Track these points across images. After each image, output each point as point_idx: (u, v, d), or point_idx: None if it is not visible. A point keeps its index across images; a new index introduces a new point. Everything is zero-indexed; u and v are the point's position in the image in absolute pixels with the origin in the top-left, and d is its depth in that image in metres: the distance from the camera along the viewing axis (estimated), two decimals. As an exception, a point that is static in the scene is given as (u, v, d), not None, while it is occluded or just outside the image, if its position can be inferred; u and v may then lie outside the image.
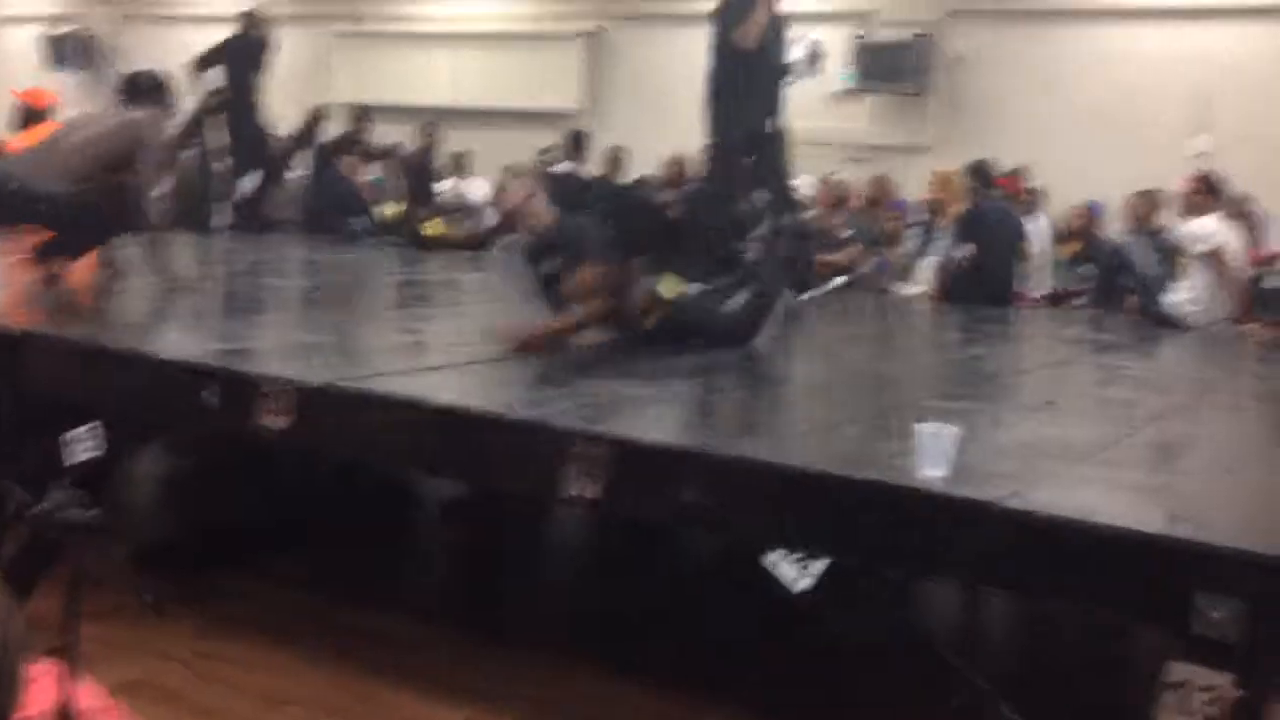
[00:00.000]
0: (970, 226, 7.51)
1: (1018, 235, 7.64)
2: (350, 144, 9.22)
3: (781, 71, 6.15)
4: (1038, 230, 7.98)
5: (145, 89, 5.09)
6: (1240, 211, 7.38)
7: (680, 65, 11.35)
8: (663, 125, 10.70)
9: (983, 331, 6.34)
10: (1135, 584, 2.34)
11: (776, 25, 6.08)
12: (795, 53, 6.21)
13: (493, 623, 3.94)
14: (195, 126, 8.58)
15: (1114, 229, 8.39)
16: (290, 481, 4.67)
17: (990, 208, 7.64)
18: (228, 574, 4.13)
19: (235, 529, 4.47)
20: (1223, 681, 2.25)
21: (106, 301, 4.96)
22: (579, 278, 3.66)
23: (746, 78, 6.01)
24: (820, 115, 10.66)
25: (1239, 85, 9.04)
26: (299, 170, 9.30)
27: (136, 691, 3.15)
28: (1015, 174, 8.39)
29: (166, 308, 4.98)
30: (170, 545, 4.25)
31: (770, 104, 6.17)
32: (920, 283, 7.88)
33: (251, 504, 4.52)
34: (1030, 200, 8.69)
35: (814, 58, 6.33)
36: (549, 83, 11.94)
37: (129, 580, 3.74)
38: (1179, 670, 2.27)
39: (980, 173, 7.74)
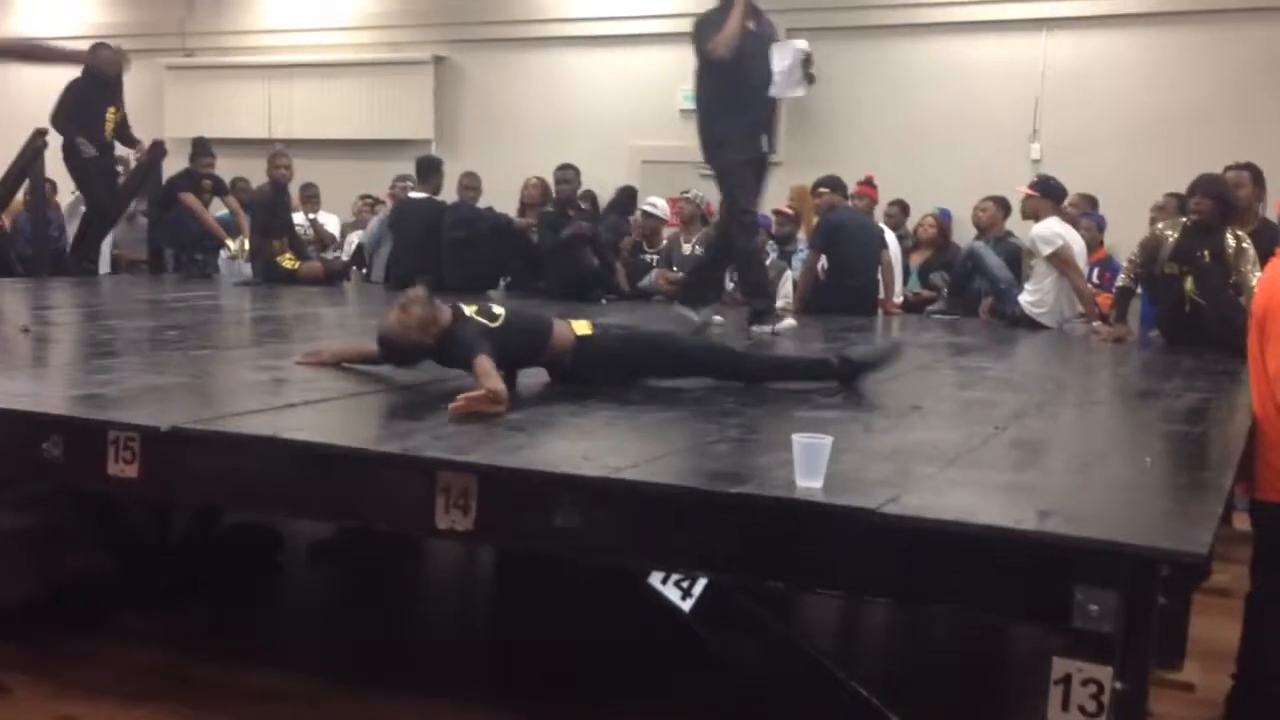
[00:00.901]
0: (829, 235, 7.61)
1: (879, 243, 7.78)
2: (196, 179, 8.91)
3: (766, 84, 5.93)
4: (894, 239, 8.14)
5: None
6: (1078, 213, 7.67)
7: (529, 88, 11.39)
8: (514, 149, 10.68)
9: (845, 340, 6.42)
10: (1017, 583, 2.36)
11: (759, 38, 5.92)
12: (780, 62, 5.91)
13: (367, 667, 3.81)
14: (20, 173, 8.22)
15: (962, 236, 8.64)
16: (145, 532, 4.44)
17: (849, 217, 7.77)
18: (82, 634, 3.91)
19: (87, 585, 4.24)
20: (1104, 674, 2.28)
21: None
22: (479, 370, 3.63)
23: (732, 93, 5.88)
24: (668, 133, 10.77)
25: (1070, 91, 9.42)
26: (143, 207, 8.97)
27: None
28: (870, 182, 8.56)
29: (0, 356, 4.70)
30: (19, 606, 4.00)
31: (762, 120, 6.04)
32: (779, 296, 7.96)
33: (104, 556, 4.29)
34: (898, 213, 8.89)
35: (805, 63, 5.95)
36: (397, 111, 11.79)
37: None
38: (1062, 665, 2.29)
39: (836, 184, 7.87)
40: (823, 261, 7.69)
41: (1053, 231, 6.83)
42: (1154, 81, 9.21)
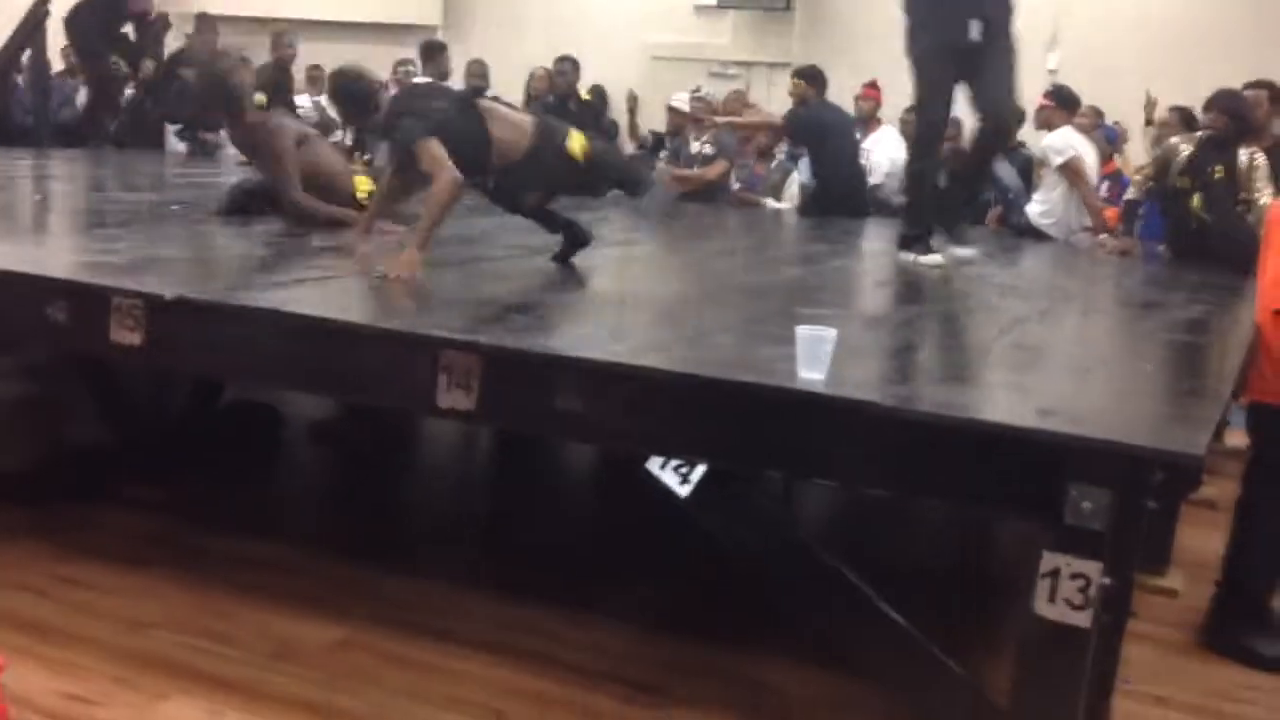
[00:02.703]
0: (807, 128, 7.45)
1: (856, 138, 7.65)
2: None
3: None
4: (888, 142, 8.00)
5: None
6: (1092, 124, 7.58)
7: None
8: (522, 39, 10.50)
9: (847, 245, 6.41)
10: (1013, 478, 2.39)
11: None
12: None
13: (366, 544, 3.87)
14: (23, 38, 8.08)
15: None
16: (146, 403, 4.47)
17: (827, 109, 7.60)
18: (83, 501, 3.96)
19: (89, 454, 4.28)
20: (1092, 569, 2.32)
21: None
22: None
23: None
24: (683, 30, 10.59)
25: (1092, 2, 9.24)
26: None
27: (-5, 621, 3.02)
28: (874, 85, 8.41)
29: (4, 222, 4.69)
30: (22, 473, 4.05)
31: (972, 4, 4.86)
32: (787, 199, 7.92)
33: (105, 428, 4.32)
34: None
35: None
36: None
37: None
38: (1051, 559, 2.33)
39: (814, 75, 7.66)
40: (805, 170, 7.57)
41: (1065, 142, 6.77)
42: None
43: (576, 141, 3.92)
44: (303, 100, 9.15)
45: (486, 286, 3.83)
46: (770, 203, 7.90)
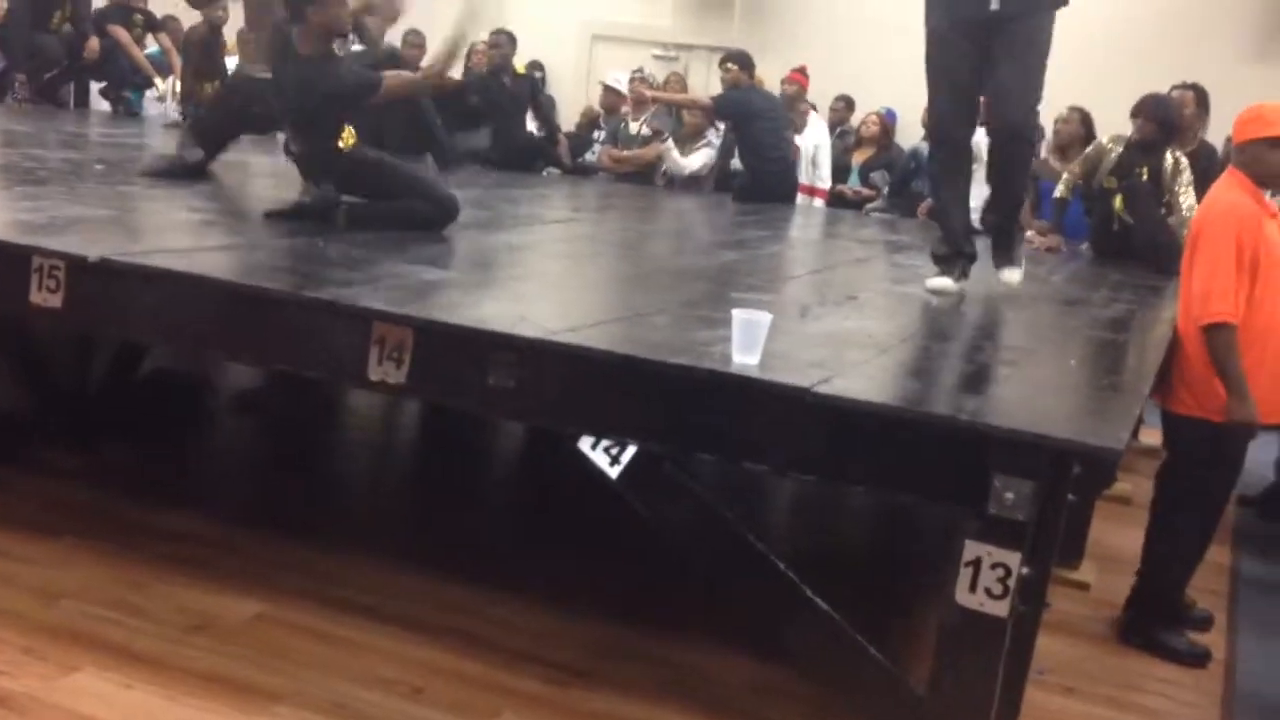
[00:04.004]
0: (735, 110, 7.45)
1: (788, 123, 7.67)
2: (128, 12, 8.56)
3: None
4: (811, 128, 8.05)
5: None
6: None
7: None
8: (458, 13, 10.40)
9: (781, 230, 6.44)
10: (939, 467, 2.42)
11: None
12: None
13: (288, 517, 3.82)
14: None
15: (905, 137, 8.63)
16: (65, 367, 4.36)
17: (756, 93, 7.61)
18: (-3, 467, 3.86)
19: (3, 418, 4.16)
20: (1012, 559, 2.36)
21: None
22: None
23: None
24: (623, 10, 10.56)
25: None
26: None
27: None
28: (803, 71, 8.43)
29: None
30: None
31: None
32: (695, 159, 7.90)
33: (21, 392, 4.21)
34: (842, 109, 8.76)
35: None
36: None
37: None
38: (974, 549, 2.37)
39: (745, 60, 7.67)
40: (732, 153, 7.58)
41: (996, 138, 6.84)
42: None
43: None
44: (232, 63, 8.96)
45: (422, 260, 3.79)
46: (673, 151, 7.83)
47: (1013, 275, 4.31)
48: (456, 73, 8.80)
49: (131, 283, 2.99)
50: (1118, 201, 5.99)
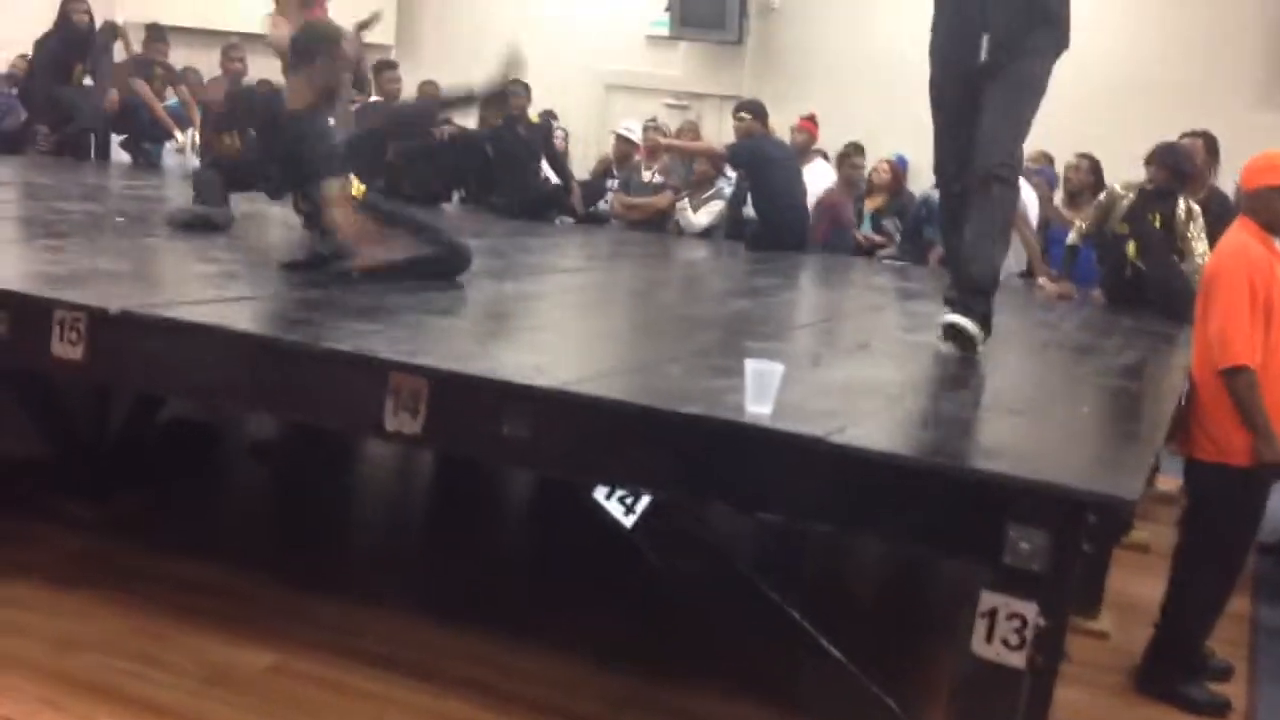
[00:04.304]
0: (749, 159, 7.51)
1: (800, 173, 7.73)
2: (147, 66, 8.69)
3: None
4: (820, 175, 8.10)
5: None
6: (1034, 168, 7.73)
7: (493, 4, 11.19)
8: (475, 63, 10.48)
9: (793, 279, 6.47)
10: (953, 517, 2.42)
11: None
12: None
13: (304, 567, 3.82)
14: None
15: (917, 183, 8.66)
16: (83, 417, 4.40)
17: (770, 143, 7.67)
18: (13, 517, 3.88)
19: (22, 468, 4.19)
20: (1029, 610, 2.36)
21: None
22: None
23: None
24: (636, 60, 10.67)
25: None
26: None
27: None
28: (812, 119, 8.50)
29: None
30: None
31: (978, 10, 3.81)
32: (705, 214, 7.95)
33: (40, 442, 4.24)
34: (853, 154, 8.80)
35: None
36: (358, 14, 11.49)
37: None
38: (989, 599, 2.37)
39: (758, 110, 7.74)
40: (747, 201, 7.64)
41: (1007, 185, 6.87)
42: (1115, 45, 9.25)
43: None
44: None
45: (437, 310, 3.82)
46: (687, 211, 7.90)
47: (960, 319, 3.81)
48: (470, 122, 8.93)
49: (152, 335, 3.02)
50: (1130, 248, 6.01)
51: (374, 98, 8.47)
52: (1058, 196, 7.65)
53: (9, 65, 9.41)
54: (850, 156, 7.99)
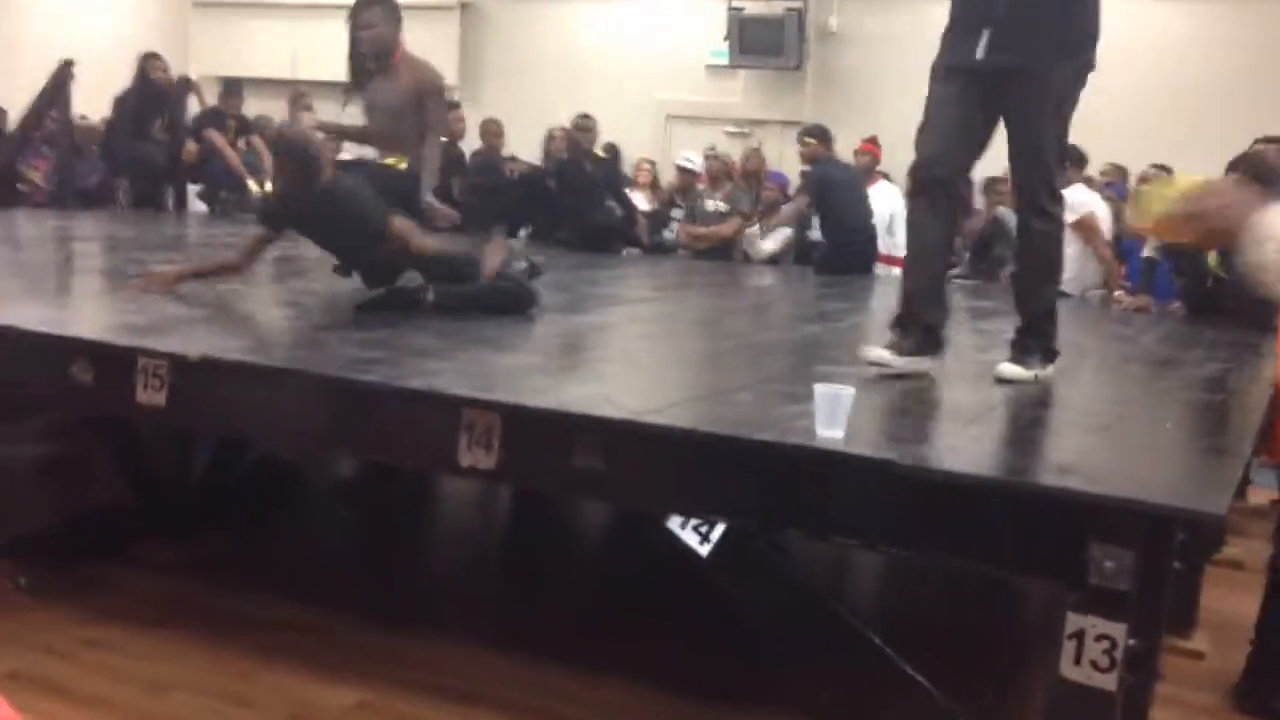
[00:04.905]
0: (819, 187, 7.49)
1: (866, 195, 7.70)
2: (220, 118, 8.92)
3: None
4: (884, 196, 8.05)
5: None
6: (1106, 181, 7.63)
7: (555, 38, 11.32)
8: (538, 98, 10.63)
9: (861, 302, 6.43)
10: (1034, 538, 2.38)
11: None
12: None
13: (385, 604, 3.86)
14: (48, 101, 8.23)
15: (981, 201, 8.57)
16: (168, 462, 4.49)
17: (837, 168, 7.65)
18: (104, 562, 3.97)
19: (111, 514, 4.29)
20: (1117, 630, 2.31)
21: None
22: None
23: None
24: (696, 89, 10.72)
25: (1100, 58, 9.32)
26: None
27: (17, 683, 3.03)
28: (874, 141, 8.46)
29: (26, 282, 4.74)
30: (45, 534, 4.06)
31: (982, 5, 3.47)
32: (773, 240, 7.94)
33: (127, 488, 4.34)
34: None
35: None
36: (421, 55, 11.70)
37: (6, 571, 3.58)
38: (1076, 621, 2.32)
39: (823, 134, 7.73)
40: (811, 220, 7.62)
41: (1078, 199, 6.79)
42: (1184, 54, 9.11)
43: None
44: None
45: (502, 346, 3.85)
46: (758, 240, 7.89)
47: (1009, 369, 3.62)
48: (536, 159, 9.02)
49: (231, 379, 3.09)
50: (1212, 258, 5.89)
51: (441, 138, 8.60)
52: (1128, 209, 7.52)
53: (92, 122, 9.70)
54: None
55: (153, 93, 8.63)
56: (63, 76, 8.21)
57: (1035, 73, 3.42)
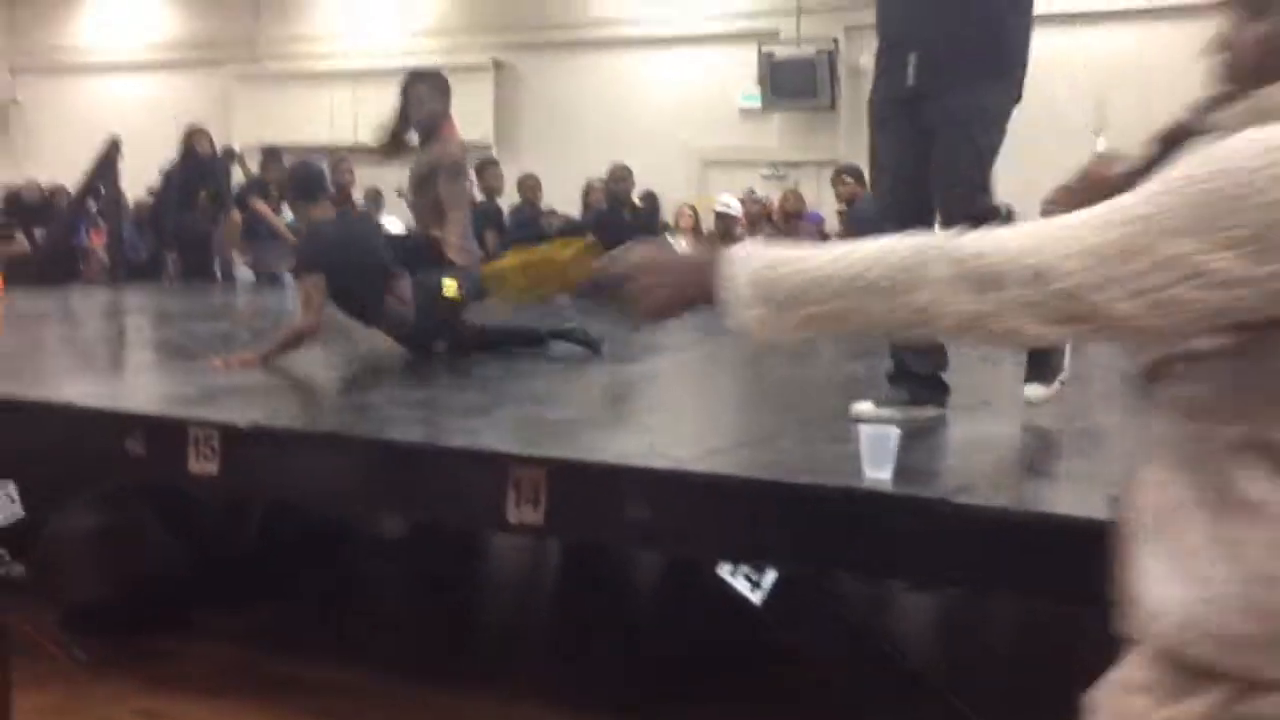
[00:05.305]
0: (859, 225, 7.52)
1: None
2: (263, 186, 9.09)
3: None
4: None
5: None
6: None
7: (588, 91, 11.45)
8: (574, 151, 10.75)
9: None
10: (1091, 571, 2.34)
11: None
12: None
13: (442, 663, 3.87)
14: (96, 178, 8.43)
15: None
16: (221, 529, 4.54)
17: (872, 204, 7.65)
18: (160, 631, 4.01)
19: (167, 583, 4.33)
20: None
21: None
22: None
23: None
24: (729, 133, 10.78)
25: (1135, 84, 9.29)
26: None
27: (76, 756, 3.04)
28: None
29: (81, 358, 4.84)
30: (101, 604, 4.11)
31: (901, 29, 3.42)
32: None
33: (182, 556, 4.38)
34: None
35: None
36: (457, 115, 11.86)
37: (62, 643, 3.62)
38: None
39: (857, 172, 7.75)
40: None
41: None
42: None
43: None
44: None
45: (544, 401, 3.88)
46: None
47: (1034, 390, 3.53)
48: (575, 211, 9.10)
49: (280, 445, 3.13)
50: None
51: (479, 196, 8.71)
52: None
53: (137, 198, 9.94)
54: None
55: (198, 165, 8.83)
56: (110, 154, 8.42)
57: (961, 92, 3.30)
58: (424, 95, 5.29)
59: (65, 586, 4.13)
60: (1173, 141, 1.41)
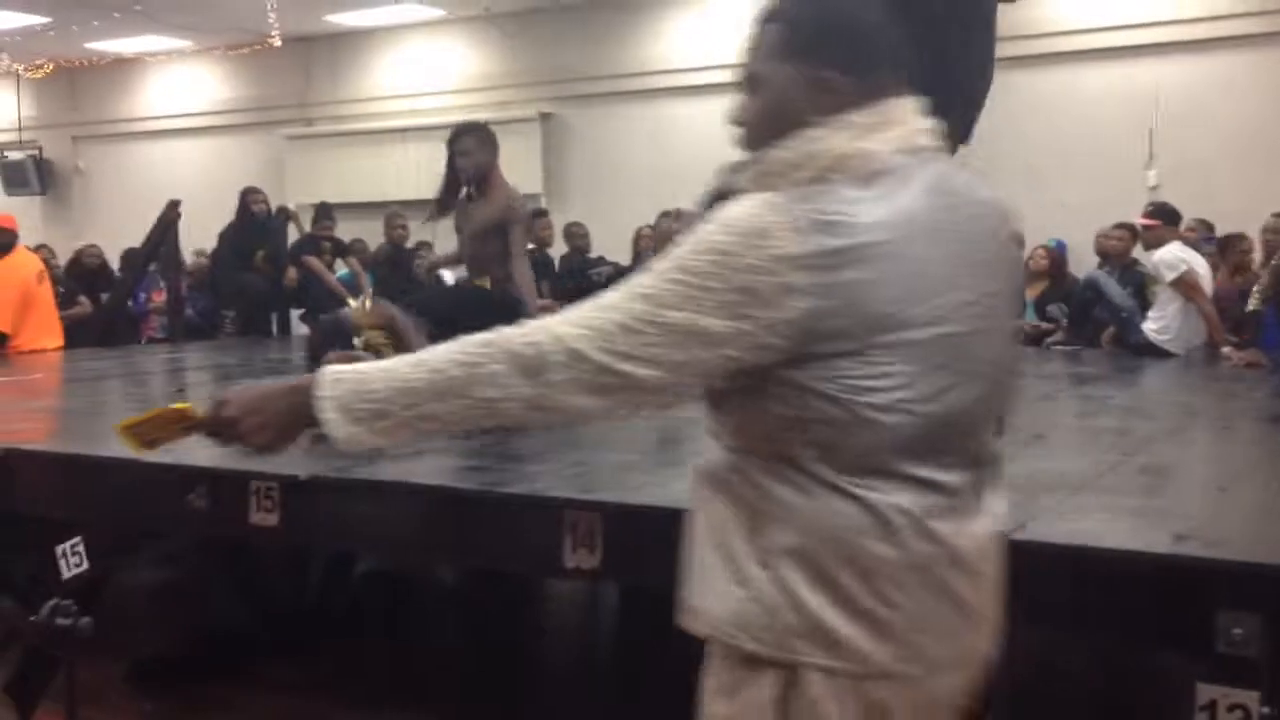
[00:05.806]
0: None
1: None
2: (317, 241, 9.25)
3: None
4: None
5: None
6: (1196, 238, 7.50)
7: (635, 140, 11.55)
8: (622, 199, 10.83)
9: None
10: (1155, 608, 2.32)
11: None
12: None
13: (500, 711, 3.87)
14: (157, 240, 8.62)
15: (1078, 266, 8.49)
16: (282, 580, 4.59)
17: None
18: (225, 683, 4.05)
19: (231, 636, 4.38)
20: (1250, 699, 2.22)
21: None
22: None
23: None
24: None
25: (1185, 116, 9.23)
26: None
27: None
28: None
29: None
30: (166, 657, 4.16)
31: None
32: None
33: (245, 608, 4.44)
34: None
35: None
36: (506, 167, 11.95)
37: (127, 695, 3.67)
38: (1207, 691, 2.24)
39: None
40: None
41: (1176, 256, 6.69)
42: (1271, 103, 8.98)
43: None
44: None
45: (598, 446, 3.89)
46: None
47: None
48: (625, 258, 9.15)
49: (339, 496, 3.16)
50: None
51: (529, 245, 8.79)
52: (1256, 258, 7.38)
53: (193, 261, 10.16)
54: None
55: (253, 224, 9.02)
56: (170, 217, 8.61)
57: None
58: (471, 147, 5.38)
59: (131, 640, 4.19)
60: (720, 199, 1.58)
